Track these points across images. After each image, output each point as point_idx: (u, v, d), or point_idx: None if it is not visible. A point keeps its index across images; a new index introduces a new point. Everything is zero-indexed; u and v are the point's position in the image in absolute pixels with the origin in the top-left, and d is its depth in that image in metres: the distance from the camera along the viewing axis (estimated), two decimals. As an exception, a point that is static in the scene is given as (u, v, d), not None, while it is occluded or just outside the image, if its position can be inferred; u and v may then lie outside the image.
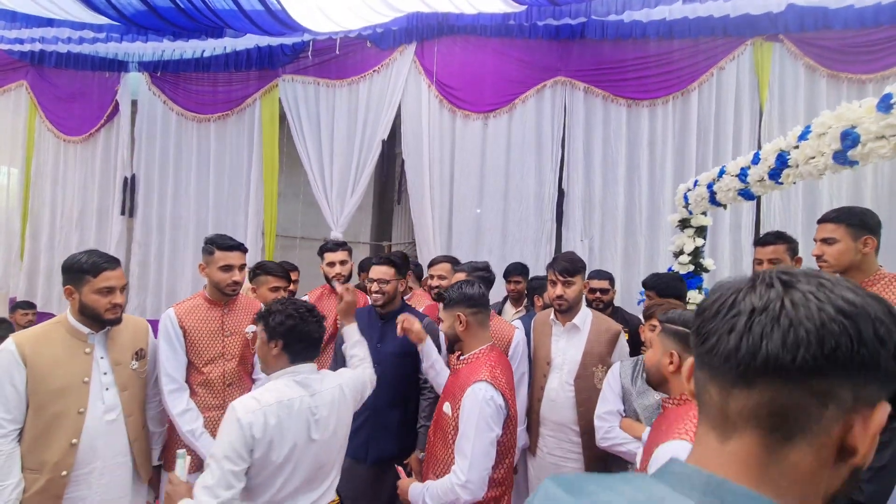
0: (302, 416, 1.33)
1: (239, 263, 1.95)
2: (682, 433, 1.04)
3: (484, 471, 1.42)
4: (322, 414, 1.37)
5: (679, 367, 1.16)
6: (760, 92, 3.43)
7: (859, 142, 1.37)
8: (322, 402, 1.38)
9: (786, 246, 2.05)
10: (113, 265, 1.61)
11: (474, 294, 1.62)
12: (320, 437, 1.36)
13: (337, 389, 1.45)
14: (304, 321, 1.36)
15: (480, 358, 1.55)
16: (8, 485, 1.43)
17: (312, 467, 1.37)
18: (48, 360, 1.52)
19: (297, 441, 1.32)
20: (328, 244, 2.50)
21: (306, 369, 1.39)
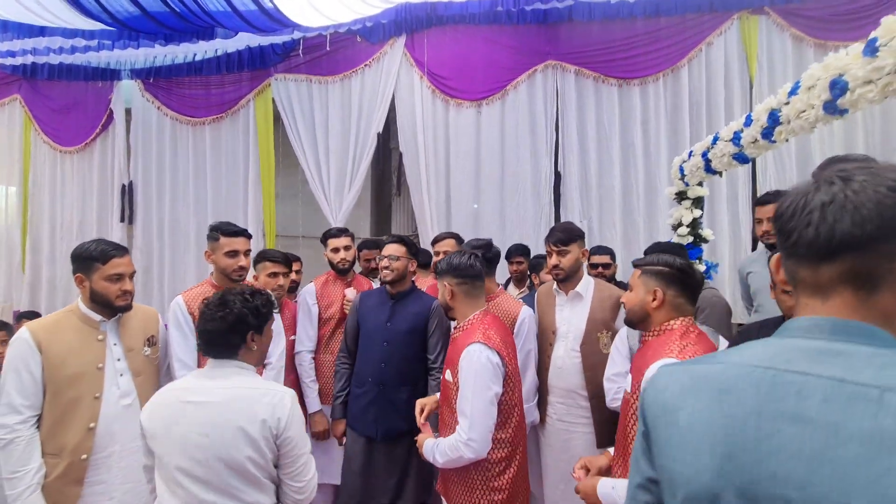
0: (172, 407, 1.24)
1: (244, 249, 1.97)
2: (670, 353, 1.17)
3: (485, 429, 1.45)
4: (199, 417, 1.22)
5: (662, 302, 1.28)
6: (749, 65, 3.47)
7: (847, 89, 1.40)
8: (208, 404, 1.23)
9: None
10: (121, 252, 1.64)
11: (460, 264, 1.65)
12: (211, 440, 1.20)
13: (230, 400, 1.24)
14: (203, 317, 1.28)
15: (474, 323, 1.60)
16: (30, 469, 1.45)
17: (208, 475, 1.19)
18: (62, 348, 1.54)
19: (168, 434, 1.22)
20: (331, 231, 2.53)
21: (217, 364, 1.29)
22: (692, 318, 1.30)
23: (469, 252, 1.72)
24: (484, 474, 1.49)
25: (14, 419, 1.46)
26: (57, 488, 1.48)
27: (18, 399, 1.47)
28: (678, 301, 1.29)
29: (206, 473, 1.20)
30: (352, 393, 2.15)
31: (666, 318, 1.29)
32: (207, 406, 1.23)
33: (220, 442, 1.20)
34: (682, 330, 1.25)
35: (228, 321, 1.26)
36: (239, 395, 1.25)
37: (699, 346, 1.21)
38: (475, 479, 1.50)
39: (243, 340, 1.30)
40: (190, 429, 1.21)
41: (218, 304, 1.28)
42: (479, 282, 1.69)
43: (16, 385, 1.48)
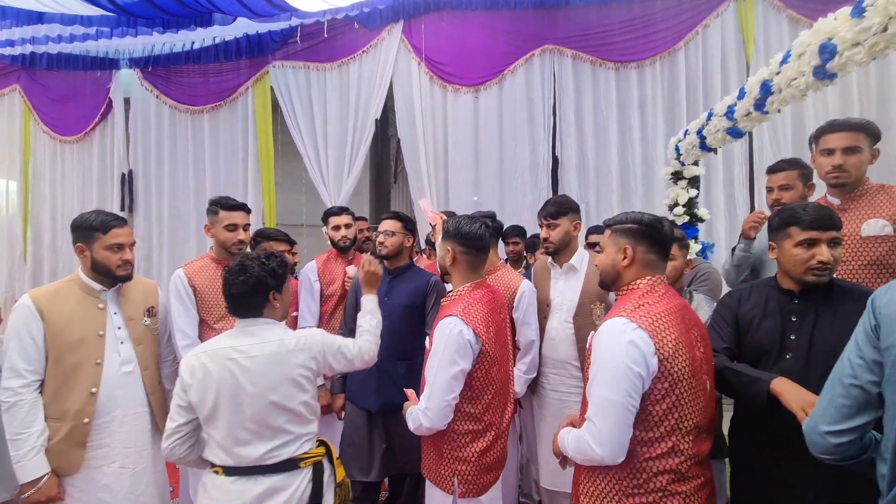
0: (225, 365, 1.34)
1: (243, 223, 2.00)
2: (623, 311, 1.17)
3: (443, 402, 1.42)
4: (251, 365, 1.35)
5: (633, 260, 1.27)
6: (746, 47, 3.48)
7: (836, 53, 1.42)
8: (257, 353, 1.37)
9: (798, 172, 2.00)
10: (121, 223, 1.66)
11: (469, 232, 1.56)
12: (254, 388, 1.34)
13: (276, 345, 1.39)
14: (226, 283, 1.41)
15: (460, 296, 1.54)
16: (33, 431, 1.48)
17: (253, 417, 1.34)
18: (63, 315, 1.57)
19: (225, 388, 1.33)
20: (332, 209, 2.55)
21: (246, 323, 1.42)
22: (662, 277, 1.27)
23: (481, 220, 1.63)
24: (451, 443, 1.49)
25: (17, 383, 1.49)
26: (60, 451, 1.51)
27: (21, 363, 1.50)
28: (648, 257, 1.26)
29: (257, 421, 1.35)
30: (350, 366, 2.17)
31: (636, 276, 1.26)
32: (252, 360, 1.36)
33: (268, 390, 1.36)
34: (646, 288, 1.23)
35: (250, 284, 1.38)
36: (276, 347, 1.39)
37: (660, 303, 1.19)
38: (442, 446, 1.50)
39: (266, 300, 1.42)
40: (242, 382, 1.34)
41: (238, 270, 1.40)
42: (483, 255, 1.61)
43: (18, 350, 1.51)
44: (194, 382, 1.34)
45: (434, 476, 1.53)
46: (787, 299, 1.37)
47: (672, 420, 1.13)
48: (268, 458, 1.36)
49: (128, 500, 1.59)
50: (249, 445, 1.35)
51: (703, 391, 1.19)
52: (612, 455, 1.11)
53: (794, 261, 1.32)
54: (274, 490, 1.36)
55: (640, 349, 1.10)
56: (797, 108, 3.44)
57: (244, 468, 1.36)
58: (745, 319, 1.42)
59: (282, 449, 1.38)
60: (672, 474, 1.13)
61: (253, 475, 1.36)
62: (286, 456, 1.39)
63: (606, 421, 1.11)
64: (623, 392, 1.09)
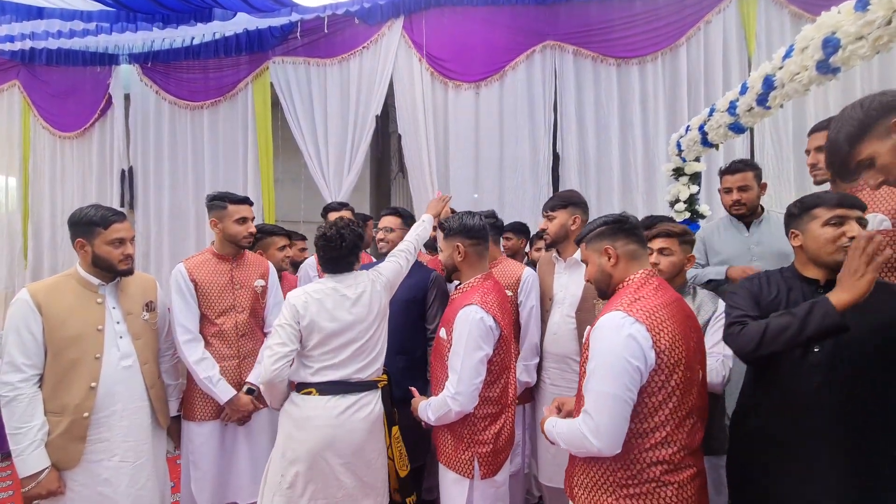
0: (336, 302, 1.68)
1: (251, 216, 2.01)
2: (620, 306, 1.19)
3: (472, 386, 1.51)
4: (354, 299, 1.70)
5: (617, 257, 1.29)
6: (748, 43, 3.46)
7: (840, 47, 1.41)
8: (355, 292, 1.72)
9: (753, 172, 2.12)
10: (121, 217, 1.66)
11: (474, 225, 1.68)
12: (356, 317, 1.69)
13: (368, 283, 1.76)
14: (329, 243, 1.70)
15: (474, 286, 1.65)
16: (33, 426, 1.48)
17: (355, 341, 1.68)
18: (62, 309, 1.56)
19: (336, 317, 1.66)
20: (332, 204, 2.56)
21: (340, 276, 1.74)
22: (653, 270, 1.29)
23: (478, 214, 1.75)
24: (471, 428, 1.57)
25: (16, 377, 1.49)
26: (60, 445, 1.51)
27: (20, 358, 1.50)
28: (630, 248, 1.28)
29: (352, 343, 1.68)
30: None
31: (625, 272, 1.28)
32: (356, 295, 1.72)
33: (365, 319, 1.71)
34: (640, 282, 1.25)
35: (349, 247, 1.71)
36: (370, 286, 1.76)
37: (655, 297, 1.21)
38: (462, 432, 1.57)
39: (358, 259, 1.77)
40: (348, 310, 1.69)
41: (338, 237, 1.70)
42: (487, 244, 1.73)
43: (17, 344, 1.51)
44: (308, 314, 1.63)
45: (454, 462, 1.58)
46: (811, 289, 1.32)
47: (666, 410, 1.14)
48: (356, 376, 1.67)
49: (128, 493, 1.59)
50: (343, 366, 1.66)
51: (696, 381, 1.21)
52: (609, 447, 1.13)
53: (822, 241, 1.28)
54: (359, 405, 1.66)
55: (638, 343, 1.11)
56: (798, 104, 3.43)
57: (338, 385, 1.65)
58: (768, 307, 1.34)
59: (366, 370, 1.70)
60: (665, 465, 1.14)
61: (342, 393, 1.65)
62: (370, 373, 1.71)
63: (604, 414, 1.12)
64: (622, 386, 1.11)
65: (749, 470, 1.38)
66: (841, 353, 1.23)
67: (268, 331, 2.08)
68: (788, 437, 1.28)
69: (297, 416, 1.64)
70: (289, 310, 1.64)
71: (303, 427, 1.62)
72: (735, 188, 2.12)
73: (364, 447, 1.67)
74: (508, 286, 2.09)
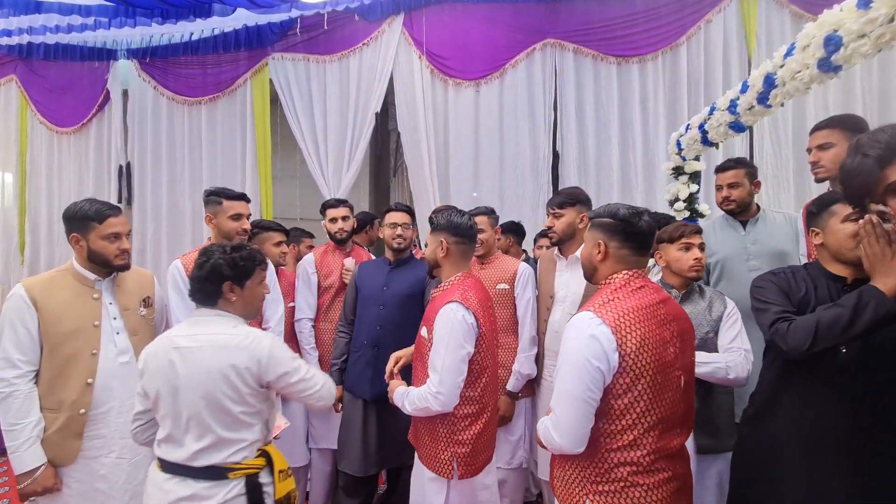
0: (168, 353, 1.31)
1: (246, 212, 2.00)
2: (589, 307, 1.20)
3: (454, 384, 1.48)
4: (189, 354, 1.30)
5: (605, 255, 1.27)
6: (748, 42, 3.46)
7: (841, 45, 1.40)
8: (194, 343, 1.32)
9: (745, 170, 2.13)
10: (116, 211, 1.65)
11: (461, 223, 1.64)
12: (187, 379, 1.29)
13: (220, 337, 1.33)
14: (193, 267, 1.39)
15: (455, 285, 1.61)
16: (29, 422, 1.47)
17: (187, 410, 1.29)
18: (58, 304, 1.55)
19: (165, 377, 1.30)
20: (329, 201, 2.55)
21: (201, 312, 1.38)
22: (641, 272, 1.25)
23: (469, 213, 1.72)
24: (450, 427, 1.54)
25: (11, 373, 1.48)
26: (57, 441, 1.50)
27: (15, 354, 1.49)
28: (621, 253, 1.25)
29: (192, 413, 1.29)
30: (350, 356, 2.18)
31: (611, 270, 1.26)
32: (192, 351, 1.31)
33: (203, 385, 1.29)
34: (620, 283, 1.22)
35: (205, 270, 1.35)
36: (217, 341, 1.32)
37: (630, 299, 1.18)
38: (441, 431, 1.55)
39: (220, 290, 1.36)
40: (178, 372, 1.30)
41: (201, 253, 1.39)
42: (473, 244, 1.70)
43: (12, 340, 1.49)
44: (146, 369, 1.34)
45: (432, 462, 1.56)
46: (837, 286, 1.31)
47: (633, 414, 1.14)
48: (194, 460, 1.28)
49: (125, 489, 1.58)
50: (180, 442, 1.29)
51: (673, 387, 1.19)
52: (570, 444, 1.15)
53: (842, 236, 1.28)
54: (197, 498, 1.27)
55: (600, 343, 1.11)
56: (798, 103, 3.43)
57: (177, 466, 1.29)
58: (799, 304, 1.29)
59: (210, 452, 1.28)
60: (633, 466, 1.15)
61: (183, 476, 1.29)
62: (213, 461, 1.28)
63: (566, 412, 1.14)
64: (582, 385, 1.12)
65: (763, 469, 1.37)
66: (869, 351, 1.20)
67: (266, 326, 2.07)
68: (807, 437, 1.26)
69: (147, 489, 1.35)
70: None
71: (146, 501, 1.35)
72: (725, 185, 2.14)
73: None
74: (505, 280, 2.12)
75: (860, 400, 1.21)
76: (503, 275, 2.12)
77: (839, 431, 1.23)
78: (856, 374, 1.21)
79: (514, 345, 2.10)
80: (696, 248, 1.74)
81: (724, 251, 2.16)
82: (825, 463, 1.24)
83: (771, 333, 1.27)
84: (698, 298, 1.76)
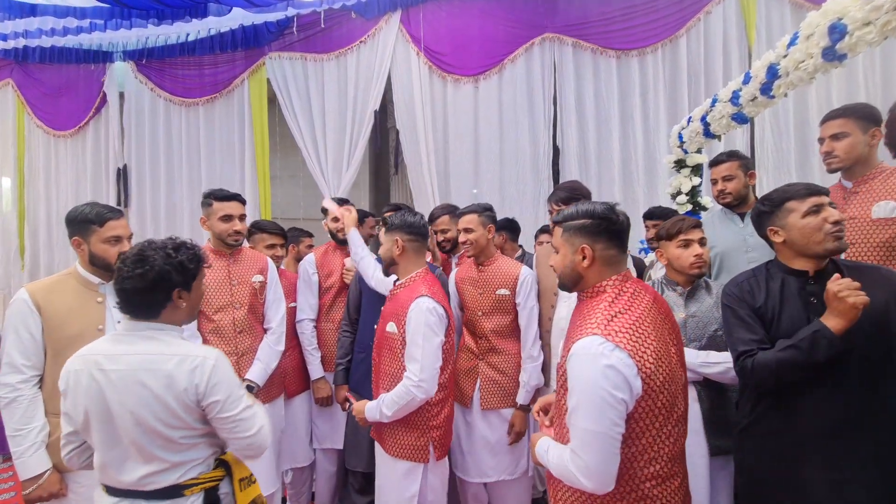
0: (92, 373, 1.15)
1: (238, 213, 1.98)
2: (594, 328, 1.06)
3: (434, 371, 1.61)
4: (117, 377, 1.15)
5: (593, 259, 1.15)
6: (748, 33, 3.44)
7: (846, 33, 1.39)
8: (120, 365, 1.16)
9: (739, 162, 2.12)
10: (117, 215, 1.63)
11: (414, 222, 1.75)
12: (119, 405, 1.14)
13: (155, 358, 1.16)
14: (119, 275, 1.17)
15: (417, 280, 1.73)
16: (34, 427, 1.46)
17: (125, 436, 1.15)
18: (61, 309, 1.54)
19: (92, 400, 1.15)
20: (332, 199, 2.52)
21: (133, 326, 1.20)
22: (627, 273, 1.18)
23: (419, 214, 1.82)
24: (425, 415, 1.66)
25: (16, 378, 1.47)
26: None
27: (19, 359, 1.48)
28: (609, 253, 1.16)
29: (131, 440, 1.15)
30: (354, 358, 2.17)
31: (599, 276, 1.16)
32: (121, 375, 1.15)
33: (137, 412, 1.14)
34: (613, 294, 1.13)
35: (149, 279, 1.15)
36: (149, 363, 1.16)
37: (633, 309, 1.10)
38: (416, 420, 1.65)
39: (168, 298, 1.20)
40: (106, 397, 1.15)
41: (136, 259, 1.16)
42: (426, 242, 1.81)
43: (16, 345, 1.48)
44: (67, 390, 1.17)
45: (407, 451, 1.66)
46: (801, 282, 1.33)
47: (654, 430, 1.07)
48: (146, 484, 1.16)
49: (131, 494, 1.56)
50: (125, 467, 1.16)
51: (682, 389, 1.15)
52: (602, 486, 1.04)
53: (808, 231, 1.28)
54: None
55: (621, 373, 1.00)
56: (800, 96, 3.41)
57: (125, 491, 1.17)
58: (764, 311, 1.33)
59: (160, 476, 1.17)
60: (655, 479, 1.09)
61: (133, 499, 1.17)
62: (167, 483, 1.17)
63: (593, 454, 1.03)
64: (608, 422, 1.01)
65: (755, 474, 1.38)
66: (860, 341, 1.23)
67: (268, 327, 2.06)
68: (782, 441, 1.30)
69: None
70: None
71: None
72: (720, 178, 2.13)
73: None
74: (505, 285, 2.05)
75: (847, 391, 1.24)
76: (504, 280, 2.06)
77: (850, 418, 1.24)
78: (851, 364, 1.23)
79: (514, 350, 2.05)
80: (695, 243, 1.69)
81: (723, 244, 2.15)
82: (806, 464, 1.25)
83: (738, 369, 1.34)
84: (705, 295, 1.71)
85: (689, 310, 1.68)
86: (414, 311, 1.61)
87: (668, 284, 1.76)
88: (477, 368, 2.07)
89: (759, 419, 1.37)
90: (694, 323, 1.67)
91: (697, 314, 1.67)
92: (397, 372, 1.66)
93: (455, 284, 2.19)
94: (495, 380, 2.04)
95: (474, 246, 2.07)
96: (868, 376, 1.23)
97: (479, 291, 2.09)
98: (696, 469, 1.55)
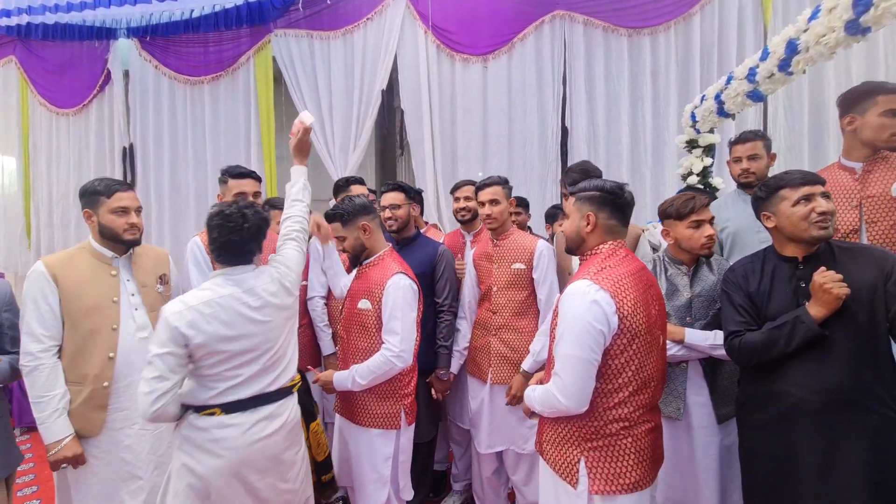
0: (235, 313, 1.40)
1: (252, 191, 1.98)
2: (584, 275, 1.27)
3: (412, 342, 1.73)
4: (258, 305, 1.44)
5: (595, 226, 1.35)
6: (764, 11, 3.36)
7: (872, 4, 1.36)
8: (259, 295, 1.45)
9: (763, 142, 2.11)
10: (125, 187, 1.65)
11: (364, 203, 1.81)
12: (264, 326, 1.44)
13: (273, 281, 1.50)
14: (227, 222, 1.41)
15: (385, 258, 1.81)
16: (55, 394, 1.50)
17: (264, 354, 1.45)
18: (77, 280, 1.57)
19: (238, 333, 1.39)
20: (340, 181, 2.51)
21: (237, 272, 1.46)
22: (622, 242, 1.36)
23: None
24: (397, 384, 1.77)
25: (36, 347, 1.50)
26: (82, 413, 1.53)
27: (39, 328, 1.51)
28: (610, 223, 1.34)
29: (264, 352, 1.45)
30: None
31: (598, 241, 1.35)
32: (261, 300, 1.45)
33: (275, 325, 1.48)
34: (608, 252, 1.32)
35: (252, 231, 1.43)
36: (276, 283, 1.50)
37: (620, 266, 1.29)
38: (388, 390, 1.76)
39: (259, 248, 1.50)
40: (252, 322, 1.42)
41: (239, 216, 1.42)
42: (379, 217, 1.90)
43: (35, 315, 1.51)
44: (198, 335, 1.34)
45: (380, 420, 1.75)
46: (791, 267, 1.41)
47: (629, 372, 1.23)
48: (269, 387, 1.46)
49: (149, 459, 1.62)
50: (252, 382, 1.43)
51: (656, 346, 1.30)
52: (576, 405, 1.22)
53: (795, 219, 1.36)
54: (273, 416, 1.45)
55: (602, 308, 1.20)
56: (815, 75, 3.35)
57: (244, 402, 1.41)
58: (756, 295, 1.44)
59: (279, 380, 1.49)
60: (625, 422, 1.25)
61: (249, 408, 1.42)
62: (280, 385, 1.49)
63: (572, 375, 1.22)
64: (587, 348, 1.20)
65: (756, 442, 1.43)
66: (830, 321, 1.31)
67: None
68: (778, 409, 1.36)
69: (202, 439, 1.37)
70: (167, 332, 1.32)
71: (210, 451, 1.37)
72: (745, 157, 2.11)
73: (282, 456, 1.48)
74: (521, 260, 2.04)
75: (846, 361, 1.30)
76: (519, 254, 2.04)
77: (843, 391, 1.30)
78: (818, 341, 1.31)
79: (528, 329, 2.04)
80: (706, 224, 1.68)
81: (735, 224, 2.14)
82: (829, 429, 1.29)
83: (727, 347, 1.47)
84: (707, 273, 1.71)
85: (694, 290, 1.69)
86: (391, 287, 1.70)
87: (672, 262, 1.74)
88: (489, 345, 2.08)
89: (753, 395, 1.45)
90: (699, 302, 1.69)
91: (702, 293, 1.69)
92: (370, 346, 1.74)
93: (472, 262, 2.20)
94: (507, 356, 2.05)
95: (497, 220, 2.06)
96: (854, 353, 1.29)
97: (495, 266, 2.08)
98: (708, 461, 1.66)
